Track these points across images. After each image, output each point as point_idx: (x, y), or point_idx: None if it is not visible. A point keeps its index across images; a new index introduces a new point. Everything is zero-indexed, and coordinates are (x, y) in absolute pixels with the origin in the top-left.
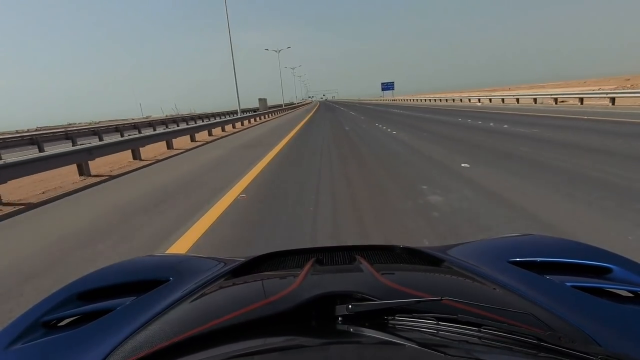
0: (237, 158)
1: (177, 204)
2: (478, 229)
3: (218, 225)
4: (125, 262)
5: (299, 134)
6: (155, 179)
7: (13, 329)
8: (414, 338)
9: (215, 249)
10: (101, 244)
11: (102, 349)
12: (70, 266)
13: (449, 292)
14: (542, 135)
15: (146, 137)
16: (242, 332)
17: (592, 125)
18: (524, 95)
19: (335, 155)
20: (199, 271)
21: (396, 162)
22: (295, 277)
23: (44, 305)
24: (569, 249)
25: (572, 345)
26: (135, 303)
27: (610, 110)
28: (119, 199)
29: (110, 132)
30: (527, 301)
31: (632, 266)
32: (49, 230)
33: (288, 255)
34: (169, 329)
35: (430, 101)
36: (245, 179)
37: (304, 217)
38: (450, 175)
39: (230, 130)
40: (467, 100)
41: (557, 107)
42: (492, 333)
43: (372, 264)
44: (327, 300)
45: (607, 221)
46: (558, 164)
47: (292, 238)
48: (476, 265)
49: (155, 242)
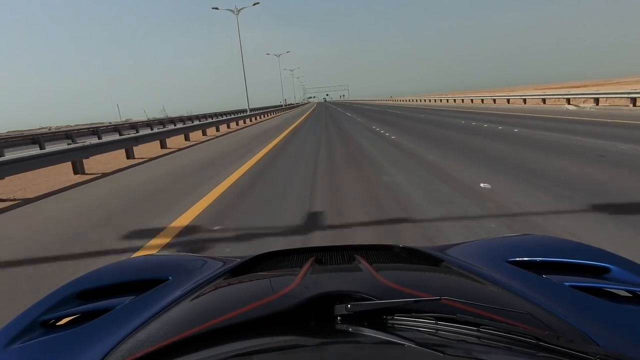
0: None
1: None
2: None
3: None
4: (124, 262)
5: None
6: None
7: (12, 328)
8: (413, 338)
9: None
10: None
11: (101, 349)
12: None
13: (448, 291)
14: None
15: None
16: (241, 331)
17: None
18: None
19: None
20: (198, 271)
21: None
22: (294, 276)
23: (43, 305)
24: (567, 249)
25: (570, 345)
26: (134, 302)
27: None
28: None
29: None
30: (525, 301)
31: (630, 266)
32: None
33: (287, 255)
34: (168, 329)
35: (432, 101)
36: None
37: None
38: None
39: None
40: (480, 100)
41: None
42: (491, 333)
43: (371, 263)
44: (326, 299)
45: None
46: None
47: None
48: (475, 265)
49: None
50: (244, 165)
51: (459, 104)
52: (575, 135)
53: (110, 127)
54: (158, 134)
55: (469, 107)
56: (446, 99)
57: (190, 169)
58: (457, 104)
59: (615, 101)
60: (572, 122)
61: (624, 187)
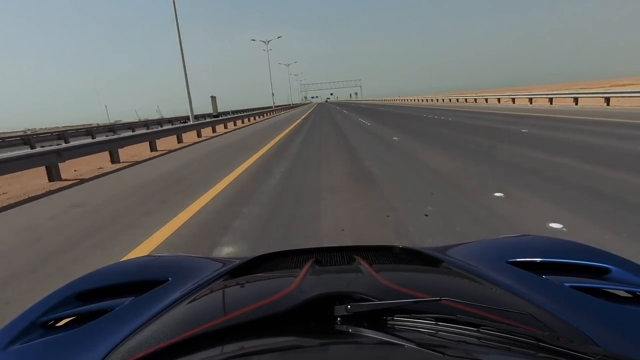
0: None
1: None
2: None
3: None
4: (124, 262)
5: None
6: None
7: (11, 329)
8: (413, 338)
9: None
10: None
11: (100, 350)
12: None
13: (447, 292)
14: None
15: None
16: (240, 332)
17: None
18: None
19: None
20: (198, 271)
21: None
22: (294, 277)
23: (42, 306)
24: (567, 249)
25: (570, 345)
26: (133, 303)
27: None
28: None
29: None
30: (525, 301)
31: (630, 267)
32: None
33: (287, 256)
34: (167, 330)
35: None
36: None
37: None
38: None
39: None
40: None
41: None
42: (491, 333)
43: (371, 264)
44: (326, 300)
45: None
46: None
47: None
48: (475, 266)
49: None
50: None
51: (481, 103)
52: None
53: (124, 125)
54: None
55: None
56: (464, 99)
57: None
58: (482, 103)
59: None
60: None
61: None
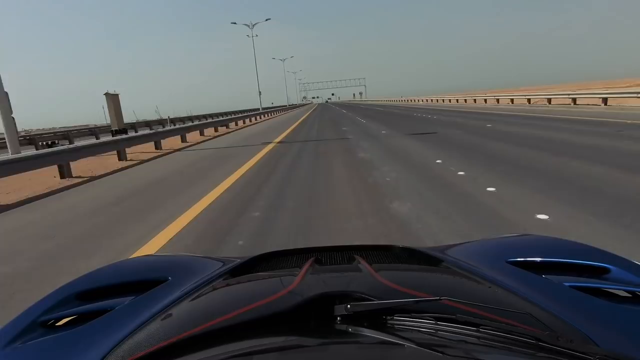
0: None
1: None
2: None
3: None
4: (124, 262)
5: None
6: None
7: (11, 329)
8: (413, 338)
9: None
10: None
11: (100, 349)
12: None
13: (447, 292)
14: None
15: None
16: (240, 332)
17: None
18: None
19: None
20: (198, 271)
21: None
22: (294, 276)
23: (42, 305)
24: (567, 249)
25: (570, 345)
26: (133, 303)
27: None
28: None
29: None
30: (525, 301)
31: (630, 266)
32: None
33: (287, 255)
34: (167, 329)
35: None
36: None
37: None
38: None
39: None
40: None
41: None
42: (491, 333)
43: (371, 263)
44: (325, 300)
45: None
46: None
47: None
48: (475, 266)
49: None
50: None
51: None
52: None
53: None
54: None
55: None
56: (473, 99)
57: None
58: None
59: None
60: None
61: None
